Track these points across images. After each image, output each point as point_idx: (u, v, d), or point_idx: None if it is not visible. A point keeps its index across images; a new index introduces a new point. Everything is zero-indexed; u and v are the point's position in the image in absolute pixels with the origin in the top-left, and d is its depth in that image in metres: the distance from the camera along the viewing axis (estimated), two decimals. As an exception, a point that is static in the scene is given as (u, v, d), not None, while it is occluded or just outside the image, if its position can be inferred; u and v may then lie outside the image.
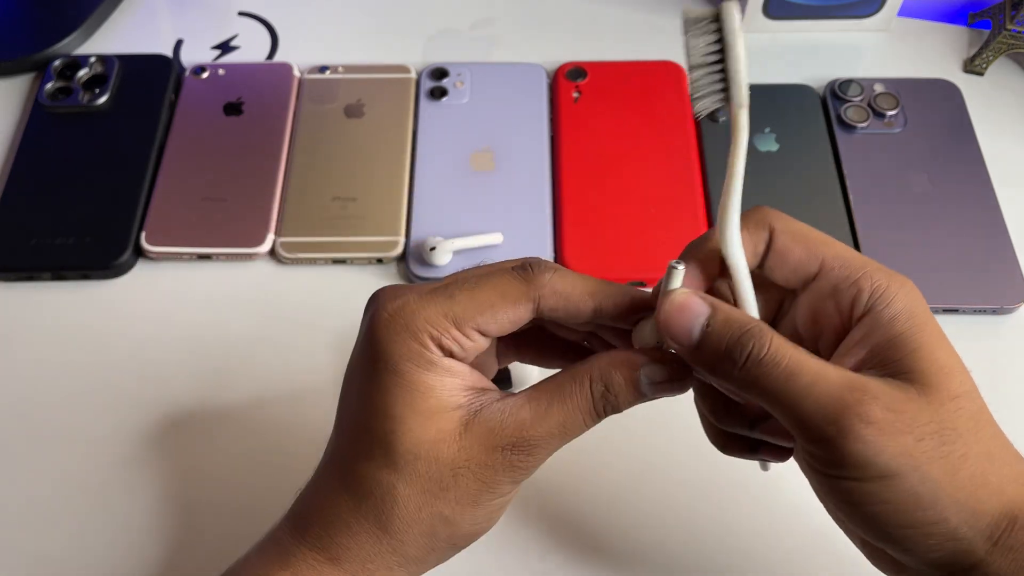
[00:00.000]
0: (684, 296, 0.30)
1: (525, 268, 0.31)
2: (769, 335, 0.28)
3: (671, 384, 0.31)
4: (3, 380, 0.47)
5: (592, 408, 0.30)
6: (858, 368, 0.29)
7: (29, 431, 0.46)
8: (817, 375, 0.28)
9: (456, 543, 0.32)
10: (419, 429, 0.29)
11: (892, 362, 0.28)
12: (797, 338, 0.31)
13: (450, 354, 0.30)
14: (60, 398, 0.47)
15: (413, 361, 0.29)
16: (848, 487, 0.28)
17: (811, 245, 0.31)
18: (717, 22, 0.28)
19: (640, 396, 0.30)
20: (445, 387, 0.30)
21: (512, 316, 0.30)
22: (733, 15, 0.27)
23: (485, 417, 0.30)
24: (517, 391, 0.30)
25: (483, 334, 0.30)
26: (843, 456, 0.27)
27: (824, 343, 0.31)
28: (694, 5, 0.63)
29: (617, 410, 0.31)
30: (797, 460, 0.31)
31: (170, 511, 0.43)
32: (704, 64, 0.28)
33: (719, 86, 0.29)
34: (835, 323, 0.30)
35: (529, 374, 0.45)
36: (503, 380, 0.45)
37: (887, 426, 0.27)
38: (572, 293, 0.31)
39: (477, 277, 0.31)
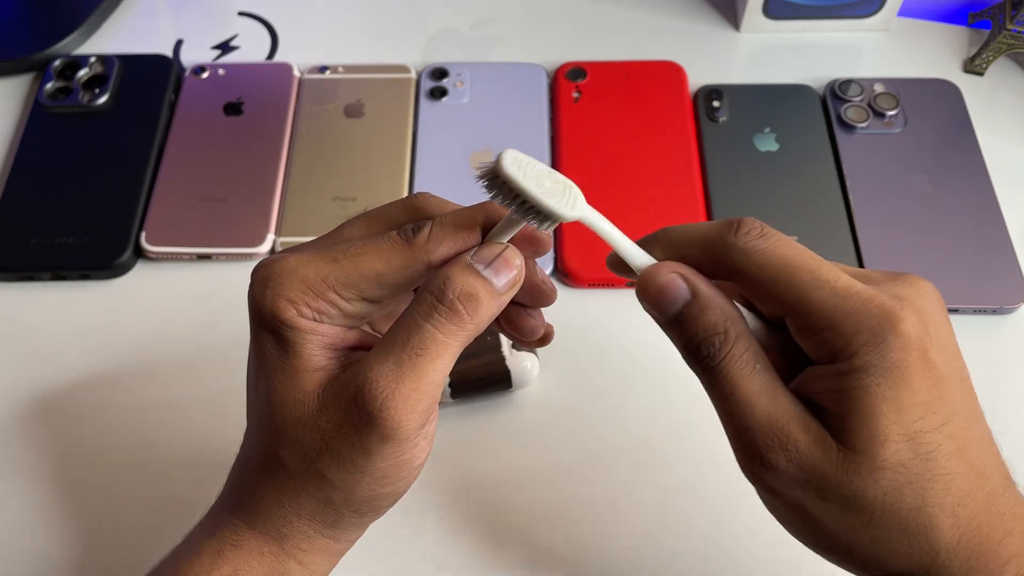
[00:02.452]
0: (668, 278, 0.30)
1: (405, 231, 0.29)
2: (728, 347, 0.29)
3: (504, 260, 0.29)
4: (3, 380, 0.47)
5: (436, 305, 0.28)
6: (815, 395, 0.29)
7: (29, 431, 0.46)
8: (747, 404, 0.28)
9: (359, 509, 0.31)
10: (283, 390, 0.29)
11: (835, 414, 0.28)
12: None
13: (325, 316, 0.29)
14: (60, 398, 0.47)
15: (284, 322, 0.29)
16: (771, 501, 0.30)
17: (778, 292, 0.29)
18: (497, 176, 0.28)
19: (484, 280, 0.29)
20: (307, 344, 0.29)
21: (401, 281, 0.29)
22: (506, 167, 0.27)
23: (344, 375, 0.29)
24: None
25: (368, 299, 0.30)
26: (754, 485, 0.29)
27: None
28: (693, 8, 0.63)
29: (473, 300, 0.29)
30: None
31: (173, 512, 0.43)
32: (516, 207, 0.28)
33: (541, 215, 0.29)
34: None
35: (529, 374, 0.45)
36: (503, 380, 0.45)
37: (786, 477, 0.28)
38: (459, 239, 0.30)
39: (363, 242, 0.30)
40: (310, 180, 0.53)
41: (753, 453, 0.28)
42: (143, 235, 0.51)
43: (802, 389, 0.29)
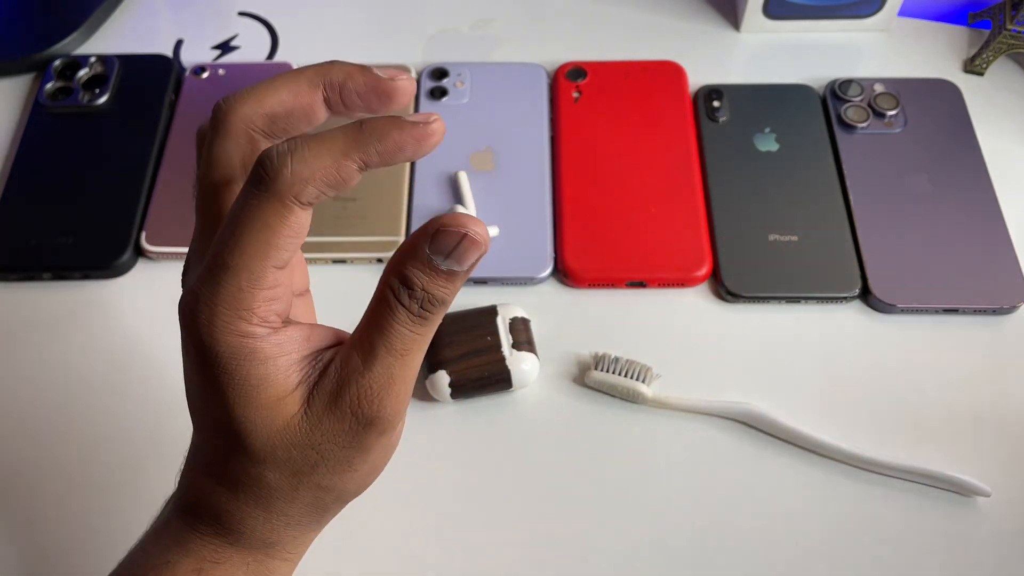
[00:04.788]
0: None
1: (261, 178, 0.26)
2: None
3: (466, 247, 0.26)
4: (3, 380, 0.47)
5: (410, 315, 0.27)
6: None
7: (29, 431, 0.46)
8: None
9: (345, 498, 0.31)
10: (266, 422, 0.28)
11: None
12: None
13: (272, 323, 0.27)
14: (60, 398, 0.47)
15: (238, 357, 0.27)
16: None
17: None
18: None
19: (449, 274, 0.26)
20: (279, 371, 0.27)
21: (292, 233, 0.27)
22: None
23: (324, 383, 0.28)
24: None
25: (280, 268, 0.27)
26: None
27: None
28: (693, 8, 0.63)
29: (439, 302, 0.27)
30: None
31: (170, 511, 0.43)
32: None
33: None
34: None
35: (529, 374, 0.45)
36: (503, 380, 0.45)
37: None
38: (327, 173, 0.26)
39: (230, 226, 0.26)
40: (310, 180, 0.53)
41: None
42: (143, 235, 0.51)
43: None
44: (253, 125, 0.29)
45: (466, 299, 0.47)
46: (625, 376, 0.45)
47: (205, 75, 0.58)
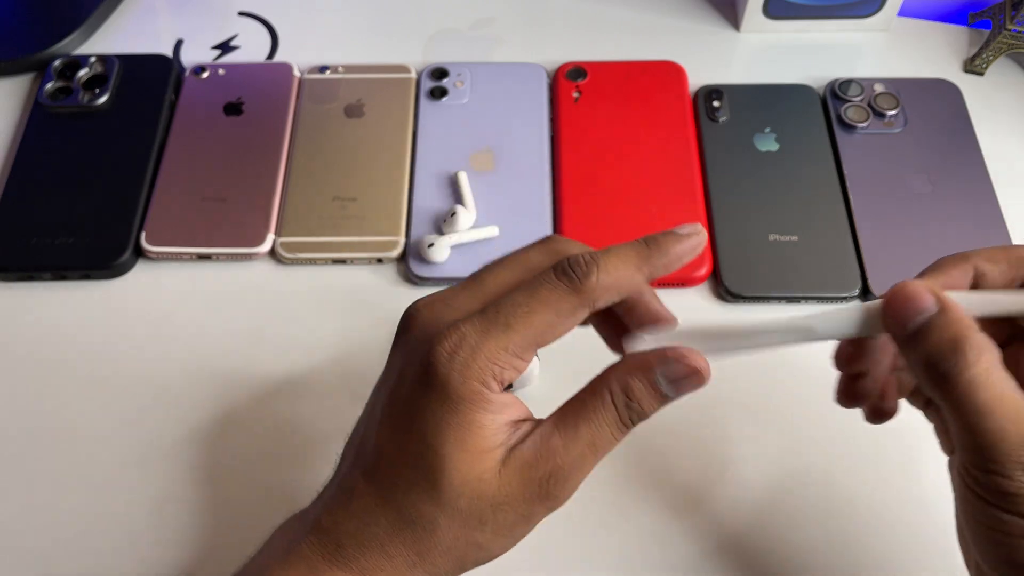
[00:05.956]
0: (915, 289, 0.29)
1: (569, 275, 0.30)
2: (982, 357, 0.28)
3: (690, 380, 0.30)
4: (3, 380, 0.47)
5: (618, 420, 0.30)
6: None
7: (29, 431, 0.46)
8: (1011, 419, 0.27)
9: (482, 562, 0.32)
10: (466, 467, 0.30)
11: None
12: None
13: (510, 382, 0.30)
14: (60, 398, 0.47)
15: (473, 401, 0.29)
16: (997, 515, 0.28)
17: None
18: None
19: (663, 397, 0.30)
20: (495, 425, 0.30)
21: (570, 327, 0.30)
22: None
23: (521, 451, 0.30)
24: (541, 413, 0.29)
25: (540, 347, 0.31)
26: (1006, 494, 0.28)
27: None
28: (693, 8, 0.63)
29: (643, 417, 0.30)
30: (952, 468, 0.31)
31: (173, 511, 0.43)
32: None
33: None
34: None
35: (529, 374, 0.45)
36: (503, 380, 0.45)
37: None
38: (622, 282, 0.30)
39: (527, 296, 0.30)
40: (310, 180, 0.53)
41: (999, 465, 0.28)
42: (143, 235, 0.51)
43: None
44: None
45: (466, 299, 0.47)
46: None
47: (205, 75, 0.58)
